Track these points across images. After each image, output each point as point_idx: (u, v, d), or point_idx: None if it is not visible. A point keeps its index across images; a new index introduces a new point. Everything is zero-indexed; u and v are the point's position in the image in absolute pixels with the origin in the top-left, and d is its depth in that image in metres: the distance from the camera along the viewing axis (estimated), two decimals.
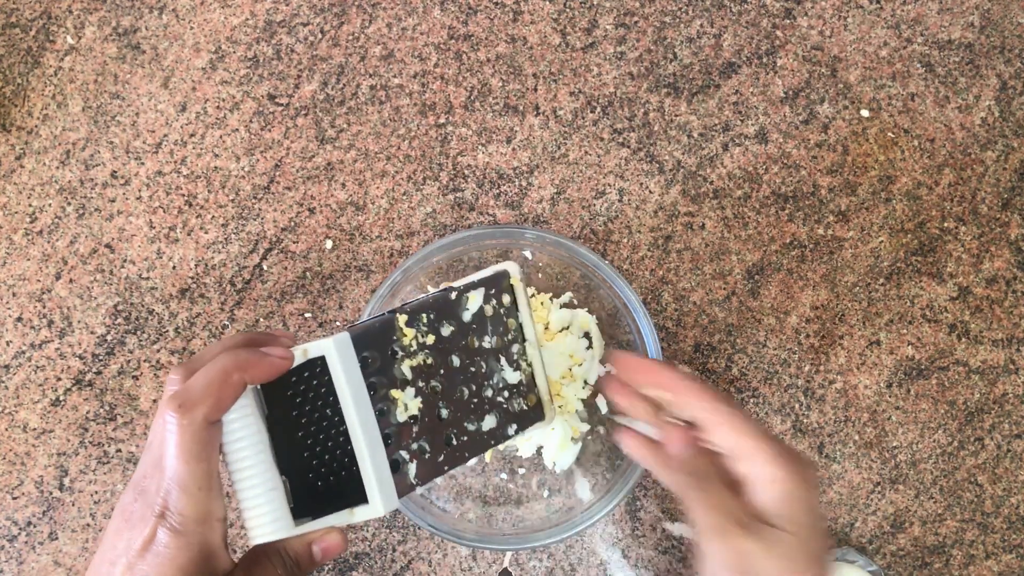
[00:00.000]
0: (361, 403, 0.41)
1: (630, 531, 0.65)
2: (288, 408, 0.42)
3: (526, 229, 0.62)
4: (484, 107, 0.68)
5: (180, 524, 0.37)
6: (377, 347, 0.44)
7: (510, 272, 0.53)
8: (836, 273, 0.67)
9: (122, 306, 0.66)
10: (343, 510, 0.42)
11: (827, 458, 0.65)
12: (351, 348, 0.42)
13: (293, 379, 0.42)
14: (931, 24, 0.70)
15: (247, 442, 0.40)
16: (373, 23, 0.69)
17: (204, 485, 0.38)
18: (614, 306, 0.61)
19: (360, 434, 0.41)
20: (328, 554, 0.41)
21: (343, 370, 0.41)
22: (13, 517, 0.64)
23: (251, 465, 0.39)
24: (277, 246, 0.67)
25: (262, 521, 0.39)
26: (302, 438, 0.42)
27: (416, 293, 0.62)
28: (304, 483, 0.42)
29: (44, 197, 0.67)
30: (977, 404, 0.66)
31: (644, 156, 0.68)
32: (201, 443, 0.38)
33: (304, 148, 0.68)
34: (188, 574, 0.37)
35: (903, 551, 0.65)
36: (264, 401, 0.42)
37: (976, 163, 0.68)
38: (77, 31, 0.69)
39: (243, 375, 0.39)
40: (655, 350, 0.59)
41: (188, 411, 0.37)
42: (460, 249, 0.61)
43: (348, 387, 0.41)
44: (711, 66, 0.69)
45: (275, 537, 0.39)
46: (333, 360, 0.41)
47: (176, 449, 0.37)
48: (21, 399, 0.65)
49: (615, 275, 0.60)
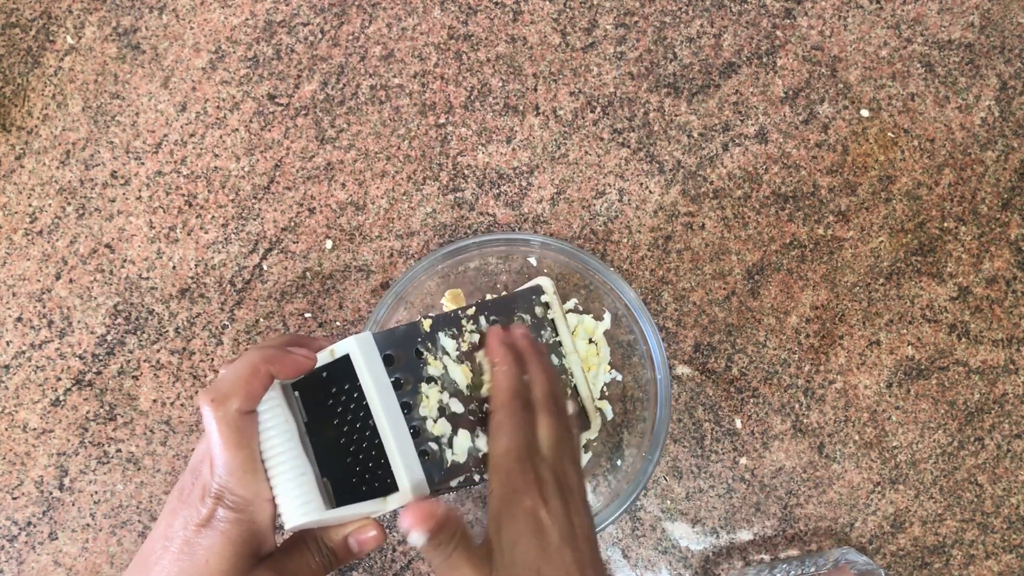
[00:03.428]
0: (385, 394, 0.44)
1: (630, 531, 0.65)
2: (326, 413, 0.45)
3: (529, 236, 0.62)
4: (484, 107, 0.68)
5: (234, 504, 0.40)
6: (402, 347, 0.46)
7: (543, 287, 0.56)
8: (836, 273, 0.67)
9: (122, 306, 0.66)
10: (377, 499, 0.44)
11: (827, 458, 0.65)
12: (373, 345, 0.44)
13: (330, 387, 0.45)
14: (931, 24, 0.70)
15: (276, 431, 0.42)
16: (373, 23, 0.69)
17: (250, 468, 0.41)
18: (615, 307, 0.61)
19: (385, 422, 0.43)
20: (365, 546, 0.44)
21: (366, 364, 0.43)
22: (13, 517, 0.64)
23: (281, 452, 0.42)
24: (277, 246, 0.67)
25: (293, 505, 0.41)
26: (342, 441, 0.45)
27: (424, 300, 0.62)
28: (347, 483, 0.44)
29: (44, 197, 0.67)
30: (977, 404, 0.66)
31: (644, 156, 0.68)
32: (239, 431, 0.41)
33: (304, 148, 0.68)
34: (240, 549, 0.40)
35: (903, 551, 0.65)
36: (303, 408, 0.44)
37: (976, 163, 0.68)
38: (77, 31, 0.69)
39: (269, 368, 0.42)
40: (658, 350, 0.59)
41: (221, 404, 0.40)
42: (462, 256, 0.61)
43: (371, 379, 0.43)
44: (711, 66, 0.69)
45: (306, 519, 0.41)
46: (356, 355, 0.44)
47: (218, 438, 0.40)
48: (21, 399, 0.65)
49: (617, 278, 0.60)
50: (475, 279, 0.64)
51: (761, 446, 0.65)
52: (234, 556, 0.40)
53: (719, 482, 0.65)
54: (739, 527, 0.65)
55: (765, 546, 0.65)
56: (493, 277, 0.64)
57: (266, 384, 0.42)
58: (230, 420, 0.40)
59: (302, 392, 0.45)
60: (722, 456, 0.65)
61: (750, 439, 0.65)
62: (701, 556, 0.64)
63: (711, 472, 0.65)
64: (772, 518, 0.65)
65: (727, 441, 0.65)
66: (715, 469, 0.65)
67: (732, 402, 0.66)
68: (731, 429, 0.65)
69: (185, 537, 0.40)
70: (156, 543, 0.41)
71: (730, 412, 0.66)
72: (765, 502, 0.65)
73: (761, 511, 0.65)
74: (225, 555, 0.40)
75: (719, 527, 0.65)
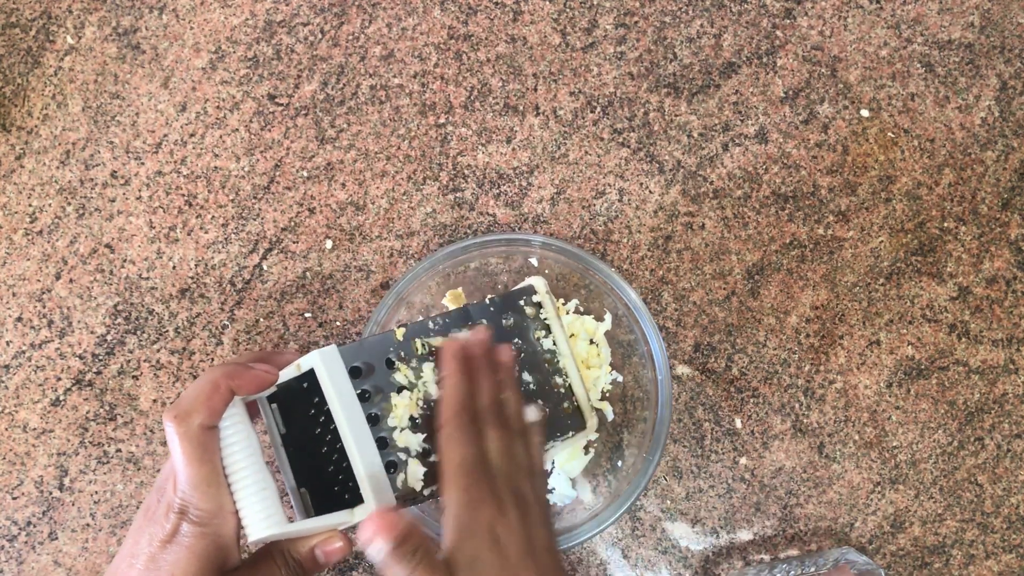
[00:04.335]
0: (349, 407, 0.44)
1: (630, 531, 0.65)
2: (302, 425, 0.45)
3: (530, 236, 0.62)
4: (484, 107, 0.68)
5: (198, 518, 0.41)
6: (372, 357, 0.47)
7: (536, 287, 0.56)
8: (836, 273, 0.67)
9: (122, 306, 0.66)
10: (343, 510, 0.44)
11: (827, 458, 0.65)
12: (338, 358, 0.45)
13: (311, 396, 0.45)
14: (931, 24, 0.70)
15: (238, 446, 0.43)
16: (373, 23, 0.69)
17: (213, 482, 0.41)
18: (616, 308, 0.61)
19: (349, 434, 0.44)
20: (331, 557, 0.44)
21: (330, 377, 0.44)
22: (13, 517, 0.64)
23: (244, 467, 0.42)
24: (277, 246, 0.67)
25: (256, 518, 0.42)
26: (323, 451, 0.45)
27: (424, 300, 0.62)
28: (327, 492, 0.45)
29: (44, 197, 0.67)
30: (977, 404, 0.66)
31: (644, 156, 0.68)
32: (201, 446, 0.41)
33: (304, 148, 0.68)
34: (205, 564, 0.41)
35: (903, 551, 0.65)
36: (280, 419, 0.45)
37: (976, 163, 0.68)
38: (77, 31, 0.69)
39: (230, 384, 0.43)
40: (659, 350, 0.59)
41: (184, 420, 0.41)
42: (463, 257, 0.61)
43: (335, 392, 0.44)
44: (711, 66, 0.69)
45: (268, 533, 0.42)
46: (320, 369, 0.44)
47: (181, 453, 0.41)
48: (21, 399, 0.65)
49: (618, 279, 0.60)
50: (475, 279, 0.64)
51: (761, 446, 0.65)
52: (199, 571, 0.40)
53: (719, 482, 0.65)
54: (739, 527, 0.65)
55: (765, 546, 0.65)
56: (493, 277, 0.64)
57: (227, 400, 0.43)
58: (192, 435, 0.41)
59: (281, 403, 0.45)
60: (722, 456, 0.65)
61: (750, 439, 0.65)
62: (701, 556, 0.64)
63: (711, 472, 0.65)
64: (772, 518, 0.65)
65: (727, 441, 0.65)
66: (715, 469, 0.65)
67: (732, 402, 0.66)
68: (731, 429, 0.65)
69: (150, 553, 0.41)
70: (123, 561, 0.41)
71: (730, 412, 0.66)
72: (765, 502, 0.65)
73: (761, 511, 0.65)
74: (190, 570, 0.40)
75: (719, 527, 0.65)
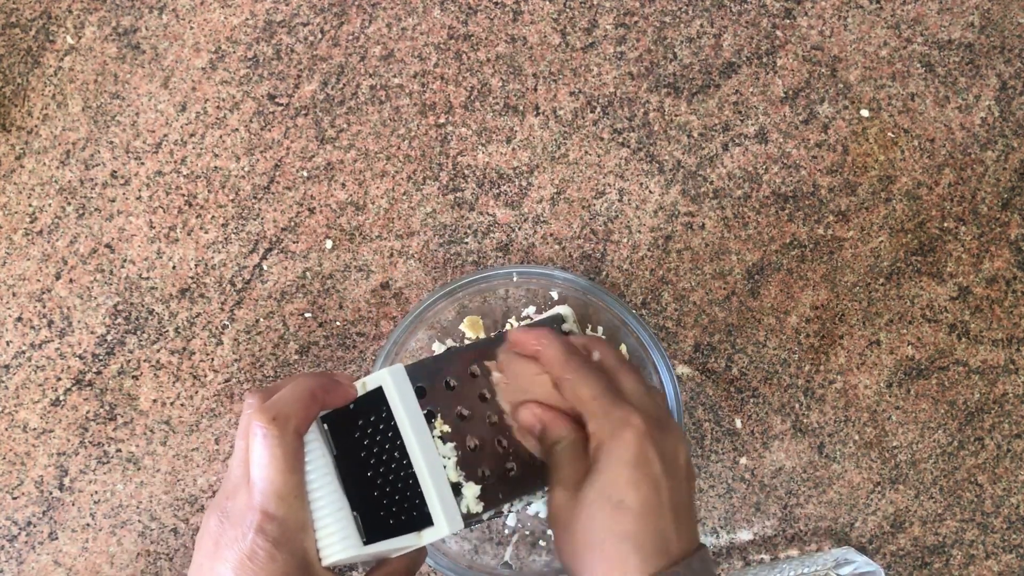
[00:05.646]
0: (418, 427, 0.43)
1: None
2: (354, 446, 0.44)
3: (550, 271, 0.62)
4: (484, 107, 0.68)
5: (280, 534, 0.38)
6: (432, 379, 0.46)
7: (564, 316, 0.57)
8: (836, 273, 0.67)
9: (122, 306, 0.66)
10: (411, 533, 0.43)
11: (827, 458, 0.65)
12: (406, 377, 0.44)
13: (357, 419, 0.44)
14: (931, 24, 0.70)
15: (314, 465, 0.41)
16: (373, 23, 0.69)
17: (300, 494, 0.39)
18: (632, 345, 0.61)
19: (420, 455, 0.42)
20: None
21: (399, 396, 0.43)
22: (13, 517, 0.64)
23: (319, 487, 0.41)
24: (277, 246, 0.67)
25: (332, 541, 0.41)
26: (369, 474, 0.44)
27: (436, 325, 0.62)
28: (376, 518, 0.43)
29: (44, 197, 0.67)
30: (977, 404, 0.66)
31: (644, 156, 0.68)
32: (295, 454, 0.39)
33: (304, 148, 0.68)
34: None
35: (903, 551, 0.65)
36: (332, 441, 0.44)
37: (976, 163, 0.68)
38: (77, 31, 0.69)
39: (324, 396, 0.41)
40: (671, 382, 0.58)
41: (282, 423, 0.39)
42: (485, 286, 0.61)
43: (404, 411, 0.42)
44: (711, 66, 0.69)
45: (345, 555, 0.41)
46: (389, 387, 0.43)
47: (272, 459, 0.38)
48: (21, 399, 0.65)
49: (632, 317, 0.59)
50: (485, 308, 0.63)
51: (761, 446, 0.65)
52: None
53: (719, 482, 0.65)
54: (739, 527, 0.65)
55: (765, 546, 0.65)
56: (506, 303, 0.64)
57: (318, 412, 0.41)
58: (288, 441, 0.39)
59: (330, 425, 0.44)
60: (722, 456, 0.65)
61: (750, 439, 0.65)
62: None
63: (711, 472, 0.65)
64: (772, 518, 0.65)
65: (727, 441, 0.65)
66: (715, 469, 0.65)
67: (732, 402, 0.66)
68: (731, 429, 0.65)
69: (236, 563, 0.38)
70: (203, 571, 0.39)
71: (730, 412, 0.66)
72: (765, 502, 0.65)
73: (761, 511, 0.65)
74: None
75: (719, 527, 0.65)
